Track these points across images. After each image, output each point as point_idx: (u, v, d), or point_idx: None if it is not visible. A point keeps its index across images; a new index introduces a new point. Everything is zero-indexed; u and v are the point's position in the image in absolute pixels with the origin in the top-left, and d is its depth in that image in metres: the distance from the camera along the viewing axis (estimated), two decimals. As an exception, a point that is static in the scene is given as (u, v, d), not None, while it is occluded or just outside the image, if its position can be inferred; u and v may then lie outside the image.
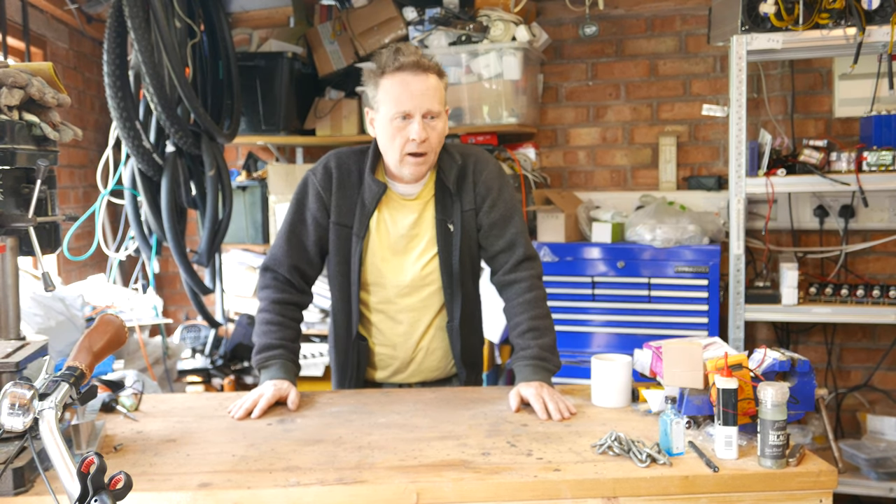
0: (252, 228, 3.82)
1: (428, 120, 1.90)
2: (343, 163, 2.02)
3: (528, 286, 2.01)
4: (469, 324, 2.09)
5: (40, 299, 2.63)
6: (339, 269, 2.03)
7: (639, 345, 1.93)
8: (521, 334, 1.97)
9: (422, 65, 1.89)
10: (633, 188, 3.81)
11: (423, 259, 2.01)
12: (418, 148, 1.89)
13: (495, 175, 2.04)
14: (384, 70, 1.91)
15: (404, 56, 1.89)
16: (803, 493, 1.46)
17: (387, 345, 2.08)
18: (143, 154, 2.90)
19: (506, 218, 2.03)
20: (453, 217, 2.00)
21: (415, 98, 1.87)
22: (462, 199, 2.01)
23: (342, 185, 2.01)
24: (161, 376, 3.20)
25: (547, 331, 1.98)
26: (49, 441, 1.16)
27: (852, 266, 3.53)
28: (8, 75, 1.68)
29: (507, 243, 2.03)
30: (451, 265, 2.00)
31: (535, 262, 2.05)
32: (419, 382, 2.11)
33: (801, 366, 1.65)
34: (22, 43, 3.15)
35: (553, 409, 1.78)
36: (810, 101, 3.60)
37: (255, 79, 3.54)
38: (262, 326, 2.00)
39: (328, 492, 1.39)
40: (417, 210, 2.01)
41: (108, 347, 1.49)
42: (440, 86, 1.93)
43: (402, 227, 2.01)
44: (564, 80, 3.86)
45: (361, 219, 1.98)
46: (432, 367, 2.10)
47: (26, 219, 1.71)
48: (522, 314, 1.98)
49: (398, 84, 1.88)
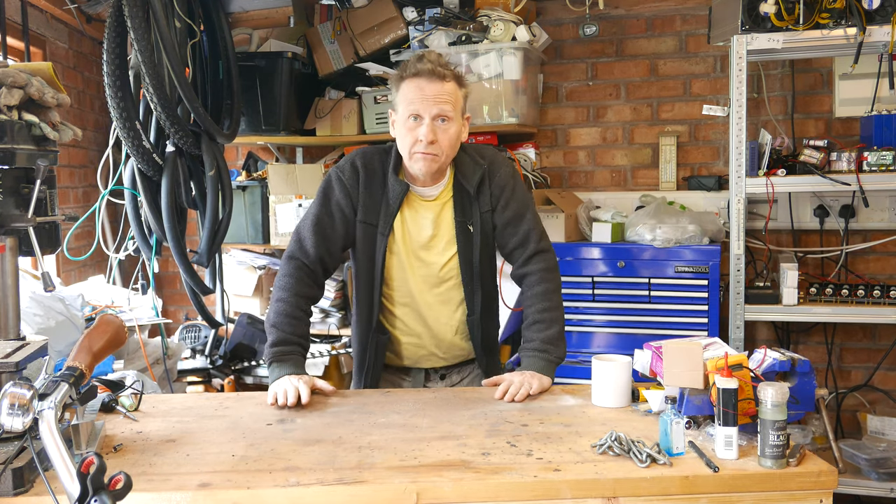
0: (252, 228, 3.82)
1: (439, 123, 1.97)
2: (369, 161, 2.10)
3: (538, 279, 2.10)
4: (488, 315, 2.18)
5: (40, 299, 2.63)
6: (364, 266, 2.10)
7: (639, 345, 1.93)
8: (528, 326, 2.08)
9: (438, 72, 1.97)
10: (633, 188, 3.81)
11: (443, 257, 2.09)
12: (426, 149, 1.97)
13: (508, 175, 2.13)
14: (403, 75, 2.01)
15: (423, 63, 1.98)
16: (803, 493, 1.46)
17: (412, 335, 2.15)
18: (143, 154, 2.90)
19: (518, 215, 2.12)
20: (473, 219, 2.08)
21: (426, 101, 1.96)
22: (480, 202, 2.09)
23: (368, 184, 2.08)
24: (161, 376, 3.20)
25: (553, 322, 2.06)
26: (49, 441, 1.16)
27: (852, 266, 3.53)
28: (7, 75, 1.68)
29: (521, 239, 2.12)
30: (472, 264, 2.09)
31: (547, 255, 2.14)
32: (444, 367, 2.21)
33: (801, 366, 1.65)
34: (21, 43, 3.15)
35: (510, 393, 1.89)
36: (810, 101, 3.60)
37: (255, 79, 3.54)
38: (279, 317, 2.01)
39: (328, 492, 1.39)
40: (435, 211, 2.09)
41: (107, 347, 1.49)
42: (457, 92, 2.01)
43: (423, 227, 2.09)
44: (564, 80, 3.86)
45: (386, 218, 2.06)
46: (455, 355, 2.19)
47: (26, 219, 1.71)
48: (531, 307, 2.09)
49: (414, 88, 1.97)
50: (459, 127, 2.02)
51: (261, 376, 3.67)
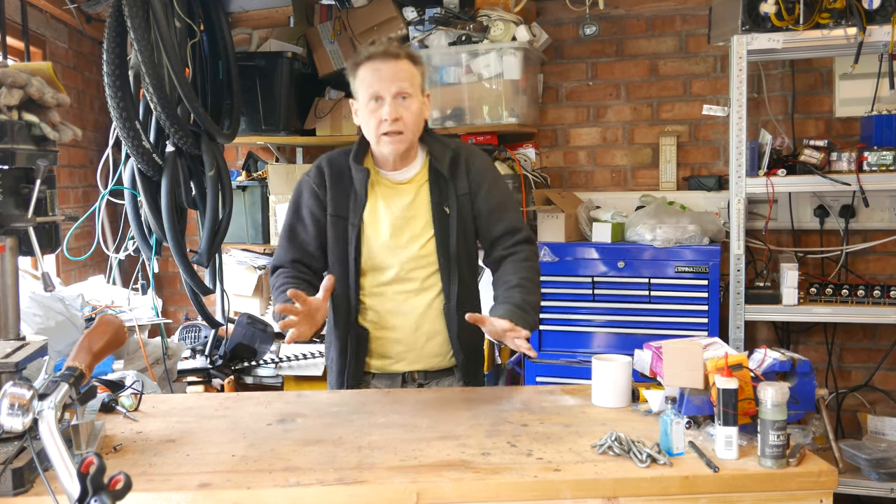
0: (252, 228, 3.82)
1: (400, 100, 1.99)
2: (334, 161, 2.14)
3: (524, 257, 2.11)
4: (465, 307, 2.08)
5: (40, 299, 2.63)
6: (338, 259, 2.10)
7: (639, 345, 1.93)
8: (508, 287, 2.03)
9: (391, 51, 2.00)
10: (633, 188, 3.81)
11: (419, 241, 2.08)
12: (391, 127, 1.98)
13: (487, 164, 2.17)
14: (357, 61, 2.04)
15: (375, 46, 2.02)
16: (803, 493, 1.46)
17: (387, 328, 2.11)
18: (142, 154, 2.90)
19: (503, 203, 2.13)
20: (449, 200, 2.08)
21: (384, 80, 1.98)
22: (456, 184, 2.09)
23: (335, 181, 2.11)
24: (161, 376, 3.19)
25: (534, 292, 2.04)
26: (48, 441, 1.16)
27: (853, 266, 3.52)
28: (7, 75, 1.68)
29: (507, 228, 2.12)
30: (449, 247, 2.07)
31: (534, 246, 2.16)
32: (421, 371, 2.13)
33: (801, 366, 1.65)
34: (21, 42, 3.15)
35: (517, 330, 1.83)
36: (811, 101, 3.60)
37: (255, 79, 3.54)
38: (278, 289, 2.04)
39: (328, 492, 1.39)
40: (412, 193, 2.09)
41: (107, 347, 1.49)
42: (413, 70, 2.02)
43: (397, 211, 2.08)
44: (564, 80, 3.86)
45: (355, 208, 2.07)
46: (433, 353, 2.12)
47: (26, 219, 1.71)
48: (514, 274, 2.06)
49: (370, 71, 2.00)
50: (421, 104, 2.03)
51: (261, 376, 3.67)
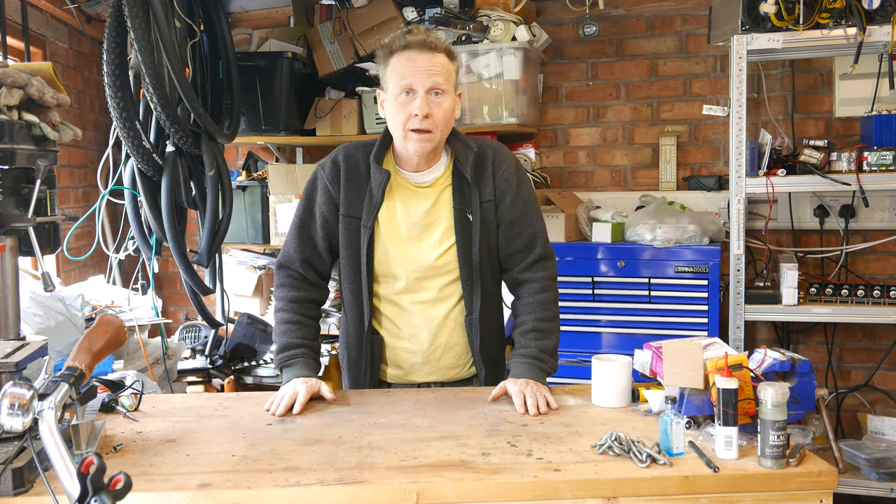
0: (252, 228, 3.82)
1: (433, 96, 1.86)
2: (351, 155, 2.01)
3: (540, 287, 2.00)
4: (488, 319, 2.03)
5: (40, 299, 2.63)
6: (350, 262, 2.00)
7: (639, 345, 1.93)
8: (523, 333, 1.98)
9: (429, 43, 1.87)
10: (633, 188, 3.81)
11: (439, 248, 1.97)
12: (421, 124, 1.86)
13: (515, 169, 2.01)
14: (392, 48, 1.89)
15: (412, 35, 1.88)
16: (803, 493, 1.45)
17: (402, 338, 2.03)
18: (143, 154, 2.90)
19: (525, 215, 2.01)
20: (472, 206, 1.96)
21: (419, 73, 1.85)
22: (481, 189, 1.97)
23: (350, 178, 1.99)
24: (161, 376, 3.19)
25: (551, 333, 1.98)
26: (49, 441, 1.16)
27: (852, 266, 3.53)
28: (7, 75, 1.68)
29: (525, 242, 2.01)
30: (471, 255, 1.96)
31: (550, 262, 2.04)
32: (438, 383, 2.06)
33: (801, 366, 1.65)
34: (21, 42, 3.15)
35: (531, 404, 1.79)
36: (810, 101, 3.60)
37: (255, 79, 3.54)
38: (281, 326, 2.00)
39: (328, 492, 1.39)
40: (433, 197, 1.98)
41: (107, 347, 1.49)
42: (449, 66, 1.90)
43: (417, 216, 1.97)
44: (564, 80, 3.86)
45: (370, 209, 1.96)
46: (451, 365, 2.05)
47: (26, 219, 1.71)
48: (530, 314, 1.99)
49: (405, 61, 1.87)
50: (453, 102, 1.91)
51: (261, 376, 3.67)
